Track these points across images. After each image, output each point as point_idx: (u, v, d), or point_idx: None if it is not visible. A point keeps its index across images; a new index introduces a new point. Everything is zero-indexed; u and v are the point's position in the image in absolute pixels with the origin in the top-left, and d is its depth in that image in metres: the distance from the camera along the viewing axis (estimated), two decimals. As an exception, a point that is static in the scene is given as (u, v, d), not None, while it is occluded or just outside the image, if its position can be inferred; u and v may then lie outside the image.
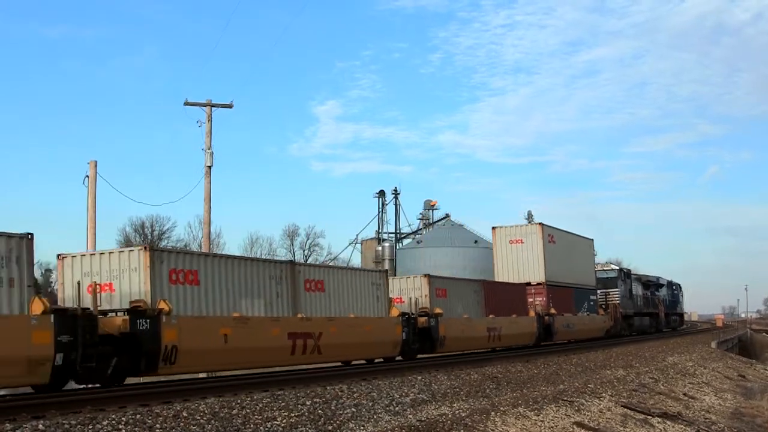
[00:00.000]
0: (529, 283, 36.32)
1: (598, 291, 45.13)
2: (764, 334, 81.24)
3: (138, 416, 10.82)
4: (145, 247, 17.33)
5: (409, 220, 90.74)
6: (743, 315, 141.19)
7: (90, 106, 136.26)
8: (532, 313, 35.04)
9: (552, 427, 14.58)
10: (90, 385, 16.30)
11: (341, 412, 12.73)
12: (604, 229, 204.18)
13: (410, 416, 13.09)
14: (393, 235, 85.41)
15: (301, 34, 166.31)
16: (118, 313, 16.67)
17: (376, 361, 25.20)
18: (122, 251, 17.94)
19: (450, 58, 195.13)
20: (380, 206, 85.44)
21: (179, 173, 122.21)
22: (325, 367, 22.03)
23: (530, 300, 35.81)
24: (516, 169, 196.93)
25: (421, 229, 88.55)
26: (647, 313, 53.97)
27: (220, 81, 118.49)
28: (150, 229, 74.58)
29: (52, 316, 14.44)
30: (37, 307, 14.32)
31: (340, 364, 23.37)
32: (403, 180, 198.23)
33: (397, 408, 13.68)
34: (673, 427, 17.76)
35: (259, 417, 11.69)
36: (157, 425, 10.45)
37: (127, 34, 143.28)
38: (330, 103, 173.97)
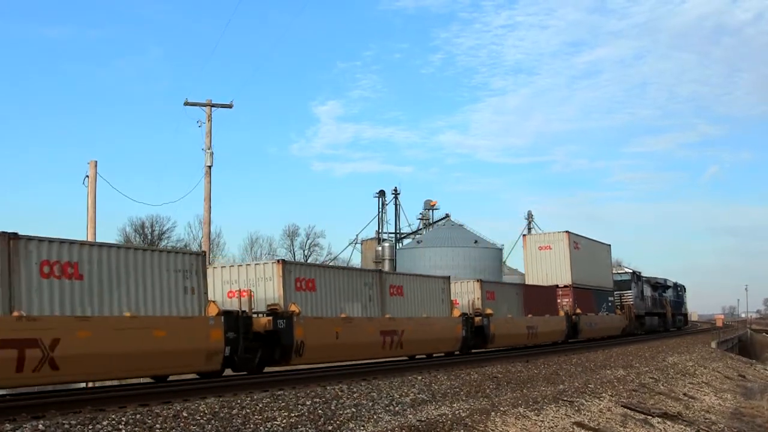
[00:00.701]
0: (557, 286, 39.55)
1: (615, 293, 48.26)
2: (764, 334, 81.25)
3: (138, 416, 10.82)
4: (279, 261, 21.14)
5: (409, 220, 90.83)
6: (743, 315, 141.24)
7: (90, 106, 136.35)
8: (561, 313, 38.31)
9: (552, 427, 14.58)
10: (243, 373, 19.42)
11: (341, 412, 12.73)
12: (605, 229, 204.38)
13: (410, 416, 13.09)
14: (393, 235, 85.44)
15: (303, 35, 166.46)
16: (259, 315, 20.03)
17: (435, 355, 27.82)
18: (258, 264, 21.51)
19: (451, 59, 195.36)
20: (380, 206, 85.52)
21: (179, 173, 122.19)
22: (325, 367, 22.08)
23: (559, 301, 38.95)
24: (516, 169, 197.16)
25: (421, 229, 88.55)
26: (656, 313, 57.00)
27: (221, 81, 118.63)
28: (150, 229, 74.59)
29: (222, 317, 18.11)
30: (212, 309, 17.99)
31: (406, 358, 26.35)
32: (403, 180, 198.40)
33: (397, 408, 13.68)
34: (673, 427, 17.76)
35: (259, 417, 11.69)
36: (157, 425, 10.45)
37: (127, 34, 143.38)
38: (331, 104, 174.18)
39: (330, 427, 11.62)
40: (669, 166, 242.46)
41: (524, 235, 44.72)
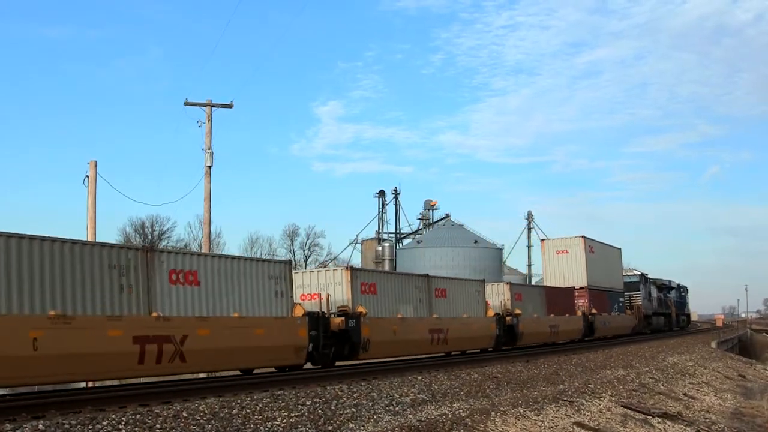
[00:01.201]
0: (573, 287, 41.81)
1: (625, 294, 50.66)
2: (764, 334, 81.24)
3: (138, 416, 10.81)
4: (347, 268, 23.69)
5: (409, 220, 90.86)
6: (743, 315, 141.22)
7: (90, 106, 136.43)
8: (579, 313, 40.81)
9: (552, 427, 14.58)
10: (319, 366, 21.49)
11: (341, 412, 12.72)
12: (605, 229, 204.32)
13: (410, 416, 13.08)
14: (393, 235, 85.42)
15: (304, 35, 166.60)
16: (334, 315, 22.32)
17: (468, 351, 30.02)
18: (328, 270, 24.31)
19: (452, 59, 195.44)
20: (380, 206, 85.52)
21: (179, 173, 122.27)
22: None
23: (575, 302, 41.34)
24: (516, 169, 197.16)
25: (421, 229, 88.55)
26: (662, 313, 59.29)
27: (221, 81, 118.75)
28: (150, 229, 74.60)
29: (307, 318, 20.65)
30: (299, 311, 20.62)
31: (458, 353, 29.06)
32: (403, 180, 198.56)
33: (397, 408, 13.68)
34: (673, 427, 17.76)
35: (259, 417, 11.68)
36: (157, 425, 10.45)
37: (128, 34, 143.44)
38: (332, 104, 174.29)
39: (330, 427, 11.61)
40: (669, 166, 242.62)
41: (542, 240, 48.16)
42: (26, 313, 13.89)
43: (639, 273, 54.86)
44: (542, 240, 48.80)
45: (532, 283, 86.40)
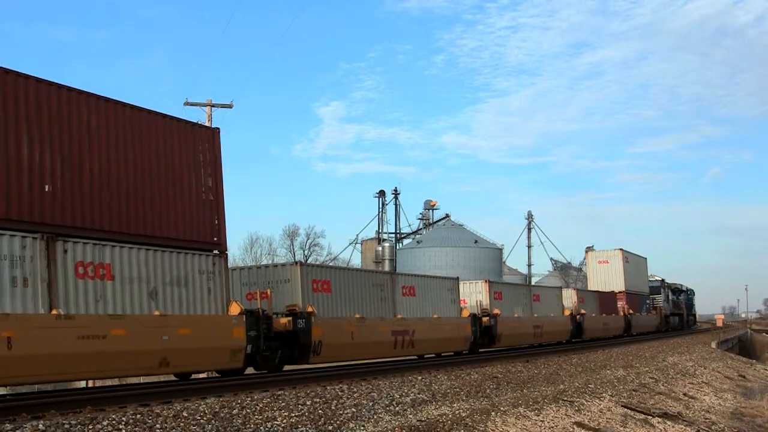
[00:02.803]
0: (614, 292, 49.27)
1: (650, 296, 57.89)
2: (764, 334, 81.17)
3: (138, 416, 10.80)
4: (297, 263, 21.80)
5: (409, 220, 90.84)
6: (743, 315, 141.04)
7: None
8: (621, 313, 48.34)
9: (552, 427, 14.58)
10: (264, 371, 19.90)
11: (341, 412, 12.72)
12: (606, 229, 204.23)
13: (410, 416, 13.08)
14: (393, 235, 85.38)
15: (307, 37, 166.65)
16: (279, 315, 20.32)
17: (443, 354, 29.72)
18: (276, 266, 22.27)
19: (454, 60, 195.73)
20: (380, 206, 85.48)
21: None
22: (324, 367, 22.08)
23: (617, 304, 48.70)
24: (518, 170, 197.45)
25: (421, 229, 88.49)
26: (676, 314, 66.49)
27: (225, 82, 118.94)
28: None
29: (244, 317, 18.34)
30: (234, 309, 18.26)
31: (433, 355, 28.51)
32: (405, 181, 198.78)
33: (397, 408, 13.67)
34: (673, 427, 17.75)
35: (259, 417, 11.67)
36: (157, 425, 10.44)
37: (133, 36, 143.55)
38: (334, 105, 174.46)
39: (330, 427, 11.60)
40: (670, 166, 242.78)
41: (587, 252, 56.36)
42: None
43: (660, 278, 61.75)
44: (587, 251, 56.58)
45: (533, 282, 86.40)
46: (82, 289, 14.77)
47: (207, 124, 34.17)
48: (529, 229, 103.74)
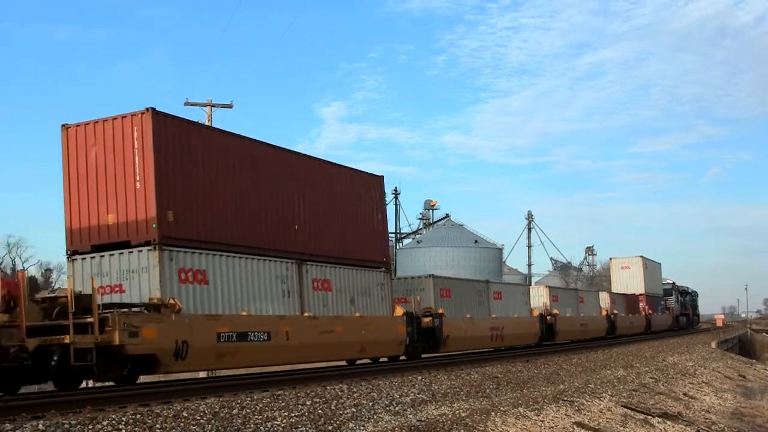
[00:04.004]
0: (635, 294, 54.99)
1: (663, 298, 63.32)
2: (764, 334, 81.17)
3: (138, 416, 10.80)
4: (429, 276, 28.99)
5: (409, 220, 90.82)
6: (743, 315, 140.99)
7: (95, 107, 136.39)
8: (642, 313, 54.73)
9: (552, 427, 14.58)
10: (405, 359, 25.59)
11: (341, 412, 12.71)
12: (606, 229, 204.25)
13: (410, 416, 13.08)
14: (393, 235, 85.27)
15: (308, 37, 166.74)
16: (423, 316, 26.73)
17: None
18: (414, 277, 29.93)
19: (455, 60, 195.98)
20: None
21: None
22: (325, 366, 22.13)
23: (639, 305, 54.62)
24: (518, 170, 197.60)
25: (421, 228, 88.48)
26: (684, 314, 71.24)
27: (226, 82, 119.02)
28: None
29: (405, 317, 24.89)
30: (398, 311, 24.87)
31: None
32: (405, 180, 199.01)
33: (397, 408, 13.67)
34: (673, 427, 17.75)
35: (259, 417, 11.67)
36: (157, 425, 10.43)
37: (133, 36, 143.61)
38: (335, 105, 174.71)
39: (330, 427, 11.60)
40: (670, 166, 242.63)
41: (611, 258, 62.80)
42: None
43: (671, 282, 67.05)
44: (611, 259, 63.21)
45: (533, 282, 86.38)
46: (315, 297, 21.04)
47: (207, 124, 34.17)
48: (529, 229, 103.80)
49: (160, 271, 16.63)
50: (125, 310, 15.87)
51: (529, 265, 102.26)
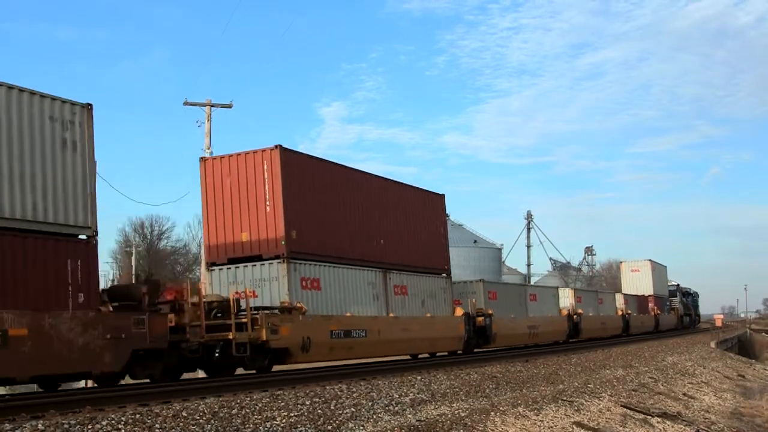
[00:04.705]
0: (645, 295, 58.69)
1: (669, 299, 66.95)
2: (764, 333, 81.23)
3: (138, 416, 10.80)
4: (480, 280, 33.45)
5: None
6: (743, 315, 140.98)
7: (96, 107, 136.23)
8: (652, 313, 58.63)
9: (551, 426, 14.58)
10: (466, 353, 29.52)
11: (341, 411, 12.72)
12: (606, 229, 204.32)
13: (410, 416, 13.08)
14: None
15: (308, 36, 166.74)
16: (477, 315, 30.61)
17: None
18: (466, 282, 33.46)
19: (455, 61, 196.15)
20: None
21: (179, 173, 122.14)
22: (326, 366, 22.17)
23: (648, 305, 58.45)
24: (518, 170, 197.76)
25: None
26: (687, 314, 73.98)
27: (226, 82, 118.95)
28: (149, 229, 74.49)
29: (464, 316, 28.91)
30: (459, 311, 28.75)
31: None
32: (405, 180, 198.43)
33: (396, 408, 13.67)
34: (672, 426, 17.76)
35: (259, 417, 11.67)
36: (157, 425, 10.44)
37: (133, 36, 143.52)
38: (336, 105, 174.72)
39: (329, 427, 11.60)
40: (670, 166, 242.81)
41: (621, 262, 66.68)
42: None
43: (675, 283, 70.63)
44: (621, 262, 67.01)
45: (533, 282, 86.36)
46: (396, 301, 24.80)
47: (206, 123, 34.18)
48: (529, 229, 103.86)
49: (288, 280, 20.31)
50: (267, 312, 19.33)
51: (528, 265, 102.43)
